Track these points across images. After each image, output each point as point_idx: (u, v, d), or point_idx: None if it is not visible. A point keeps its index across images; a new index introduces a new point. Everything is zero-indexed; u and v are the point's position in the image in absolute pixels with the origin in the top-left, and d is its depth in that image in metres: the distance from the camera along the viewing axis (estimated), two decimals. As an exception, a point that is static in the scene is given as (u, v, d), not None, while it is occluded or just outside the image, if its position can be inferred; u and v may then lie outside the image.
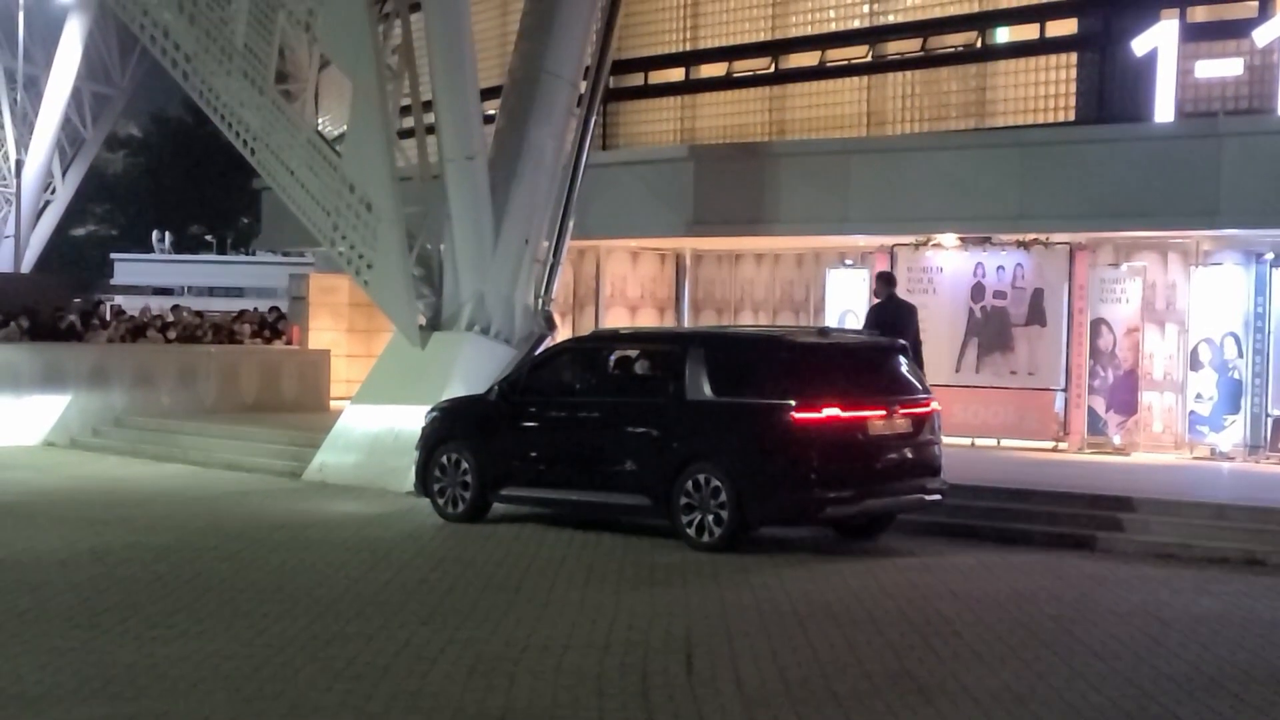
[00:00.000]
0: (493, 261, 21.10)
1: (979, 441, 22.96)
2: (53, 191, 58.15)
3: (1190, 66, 22.18)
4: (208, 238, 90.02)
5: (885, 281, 21.05)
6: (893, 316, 19.82)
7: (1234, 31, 22.47)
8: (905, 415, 15.86)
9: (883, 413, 15.64)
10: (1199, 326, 21.78)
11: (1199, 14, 22.86)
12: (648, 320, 27.87)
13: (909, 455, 15.91)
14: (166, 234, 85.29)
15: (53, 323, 29.97)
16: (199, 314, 33.97)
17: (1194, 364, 21.77)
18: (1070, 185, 21.63)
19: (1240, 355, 21.39)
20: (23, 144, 55.76)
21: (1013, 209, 22.16)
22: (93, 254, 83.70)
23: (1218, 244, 22.16)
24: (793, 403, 15.05)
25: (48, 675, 9.60)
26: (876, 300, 20.89)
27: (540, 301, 21.95)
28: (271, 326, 31.87)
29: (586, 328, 26.48)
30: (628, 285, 28.15)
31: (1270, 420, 21.13)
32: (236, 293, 76.14)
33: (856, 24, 26.69)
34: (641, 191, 25.17)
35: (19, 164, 54.82)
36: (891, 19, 26.26)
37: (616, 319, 27.48)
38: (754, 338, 17.46)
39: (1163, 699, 9.69)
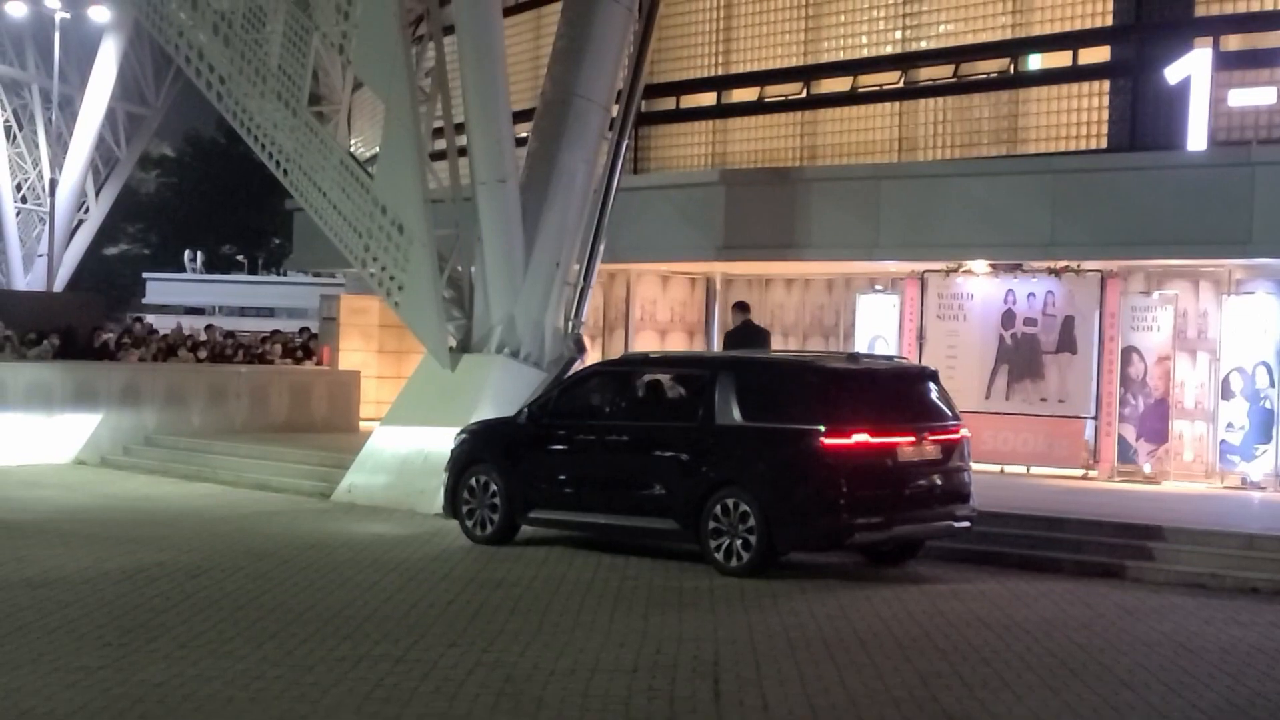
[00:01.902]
0: (523, 284, 21.15)
1: (1008, 469, 22.92)
2: (86, 210, 58.49)
3: (1223, 95, 22.14)
4: (239, 258, 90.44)
5: (740, 309, 22.21)
6: (745, 341, 20.90)
7: (1267, 60, 22.43)
8: (935, 441, 15.82)
9: (912, 439, 15.60)
10: (1230, 355, 21.70)
11: (1232, 43, 22.83)
12: (677, 344, 27.89)
13: (938, 482, 15.86)
14: (198, 254, 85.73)
15: (88, 341, 30.14)
16: (231, 334, 34.09)
17: (1225, 393, 21.69)
18: (1102, 213, 21.59)
19: (1272, 384, 21.31)
20: (57, 163, 56.09)
21: (1044, 236, 22.12)
22: (125, 273, 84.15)
23: (1250, 273, 22.09)
24: (822, 428, 15.02)
25: (77, 694, 9.64)
26: (732, 326, 22.02)
27: (570, 324, 21.98)
28: (303, 347, 31.98)
29: (616, 351, 26.50)
30: (658, 309, 28.17)
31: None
32: (268, 313, 76.50)
33: (889, 50, 26.69)
34: (672, 215, 25.21)
35: (53, 183, 55.15)
36: (924, 45, 26.26)
37: (646, 343, 27.49)
38: (783, 363, 17.44)
39: (1192, 730, 9.67)
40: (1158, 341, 22.28)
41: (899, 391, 16.29)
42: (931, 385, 16.50)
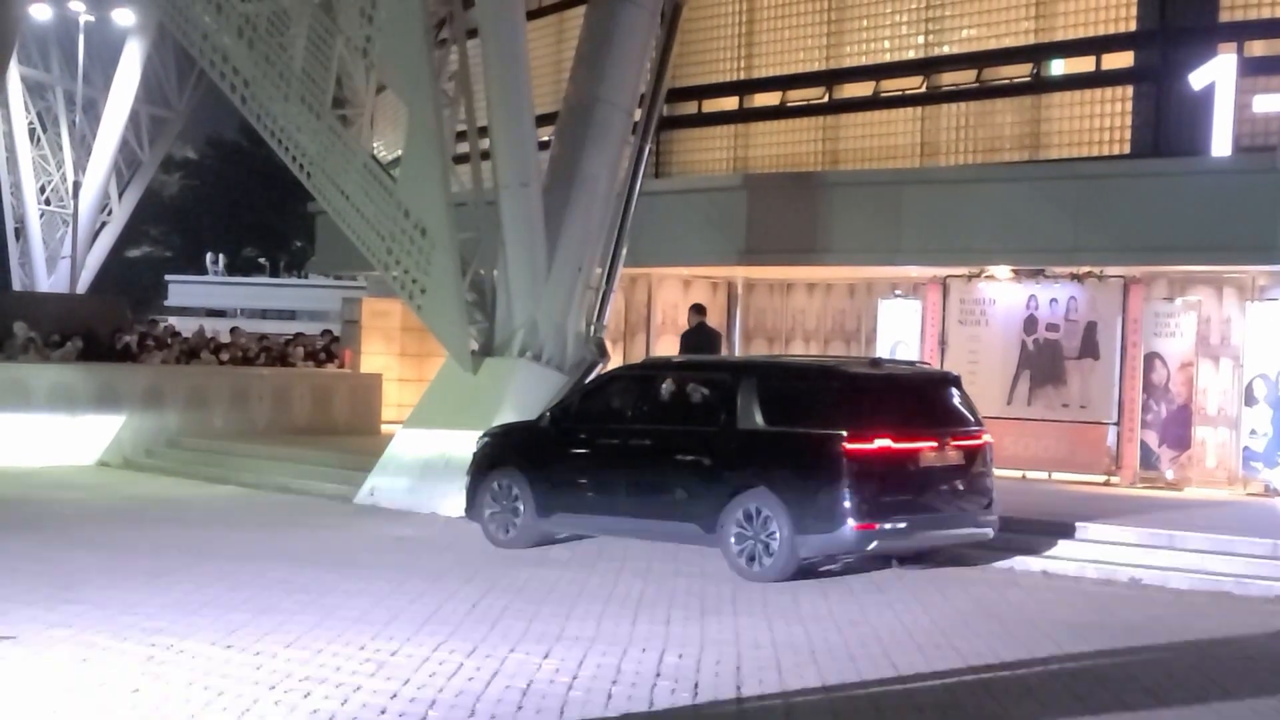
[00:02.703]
0: (546, 288, 21.17)
1: (1030, 474, 22.89)
2: (109, 213, 58.53)
3: (1248, 101, 22.10)
4: (261, 260, 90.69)
5: (697, 311, 23.57)
6: (700, 342, 22.29)
7: (1292, 66, 22.42)
8: (957, 447, 15.81)
9: (934, 444, 15.59)
10: (1254, 362, 21.66)
11: (1257, 48, 22.82)
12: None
13: (960, 487, 15.86)
14: (220, 256, 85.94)
15: (110, 343, 30.20)
16: (264, 337, 34.14)
17: (1248, 399, 21.65)
18: (1125, 219, 21.56)
19: (1295, 391, 21.28)
20: (80, 166, 56.19)
21: (1067, 242, 22.10)
22: (147, 275, 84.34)
23: (1274, 279, 22.07)
24: (844, 433, 15.02)
25: (103, 696, 9.65)
26: (688, 327, 23.33)
27: (592, 328, 22.00)
28: (325, 349, 32.03)
29: (638, 355, 26.54)
30: (679, 313, 28.13)
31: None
32: (289, 315, 76.67)
33: (911, 55, 26.72)
34: (694, 220, 25.24)
35: (76, 185, 55.26)
36: (946, 50, 26.28)
37: (668, 347, 27.49)
38: (806, 367, 17.44)
39: (1216, 737, 9.65)
40: (1180, 347, 22.24)
41: (921, 397, 16.28)
42: (954, 390, 16.48)
